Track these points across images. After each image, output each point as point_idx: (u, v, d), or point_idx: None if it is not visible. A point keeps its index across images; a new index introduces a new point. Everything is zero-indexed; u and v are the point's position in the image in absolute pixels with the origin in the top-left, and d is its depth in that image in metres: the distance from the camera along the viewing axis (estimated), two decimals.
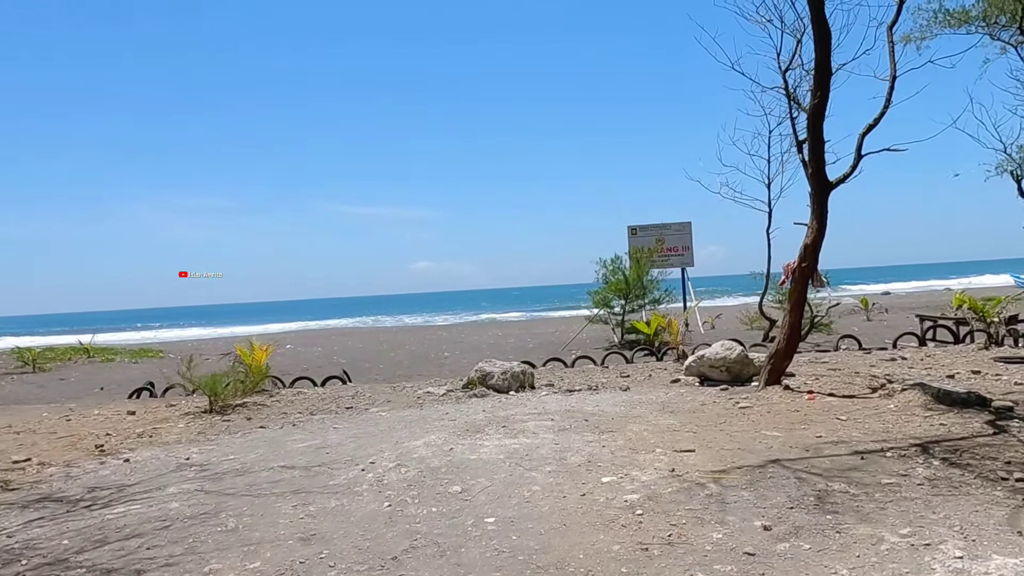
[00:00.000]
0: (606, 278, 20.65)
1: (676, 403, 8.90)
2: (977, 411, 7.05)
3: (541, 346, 22.30)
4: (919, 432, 6.38)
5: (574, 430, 7.25)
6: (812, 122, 8.65)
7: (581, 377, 12.17)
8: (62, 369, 21.01)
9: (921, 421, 6.79)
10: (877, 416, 7.13)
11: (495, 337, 29.06)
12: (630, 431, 7.08)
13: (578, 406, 8.99)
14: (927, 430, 6.44)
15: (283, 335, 44.94)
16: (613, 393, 10.20)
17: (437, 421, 8.48)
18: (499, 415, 8.58)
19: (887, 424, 6.76)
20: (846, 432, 6.52)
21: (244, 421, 9.73)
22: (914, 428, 6.55)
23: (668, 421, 7.61)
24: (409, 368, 18.14)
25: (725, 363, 10.27)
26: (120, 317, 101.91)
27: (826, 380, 10.07)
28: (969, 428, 6.45)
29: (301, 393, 12.18)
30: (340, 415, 9.66)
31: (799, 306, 9.05)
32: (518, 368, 10.91)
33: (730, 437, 6.61)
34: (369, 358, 21.84)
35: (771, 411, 7.82)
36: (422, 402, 10.27)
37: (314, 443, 7.69)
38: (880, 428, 6.60)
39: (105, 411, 11.71)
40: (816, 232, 8.77)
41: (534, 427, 7.48)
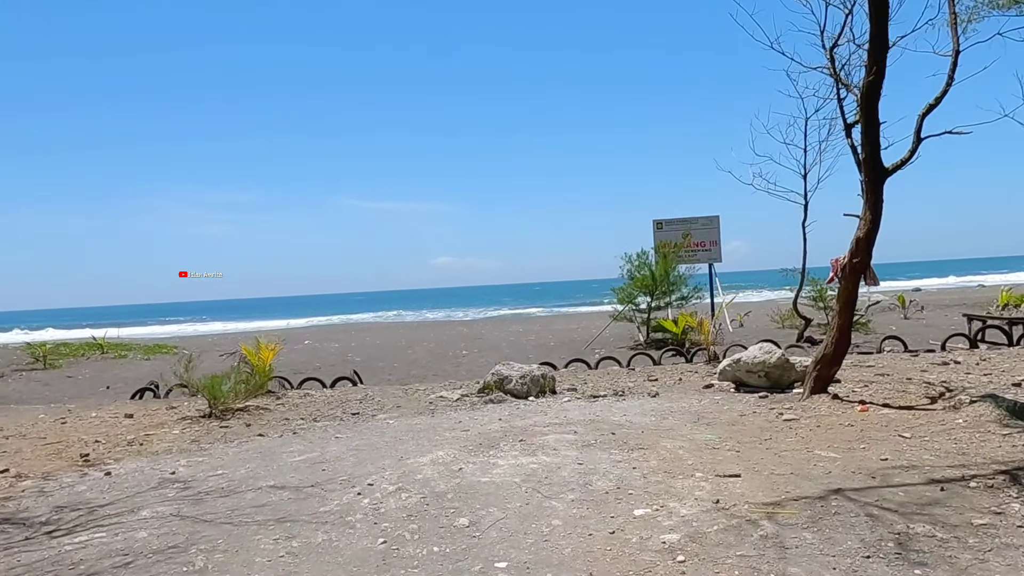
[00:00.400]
0: (631, 274, 19.78)
1: (711, 413, 8.06)
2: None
3: (562, 344, 21.49)
4: (1001, 455, 5.51)
5: (600, 446, 6.45)
6: (865, 101, 7.76)
7: (606, 380, 11.36)
8: (73, 366, 20.56)
9: (1000, 441, 5.91)
10: (946, 433, 6.26)
11: (515, 334, 28.28)
12: (663, 448, 6.27)
13: (603, 415, 8.19)
14: (1010, 453, 5.56)
15: (302, 330, 44.56)
16: (641, 400, 9.39)
17: (448, 432, 7.72)
18: (516, 425, 7.80)
19: (960, 444, 5.89)
20: (914, 454, 5.66)
21: (243, 428, 9.04)
22: (993, 450, 5.68)
23: (705, 436, 6.79)
24: (425, 367, 17.43)
25: (764, 368, 9.41)
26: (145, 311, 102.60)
27: (876, 388, 9.18)
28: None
29: (308, 395, 11.50)
30: (345, 422, 8.94)
31: (849, 306, 8.17)
32: (538, 371, 10.13)
33: (779, 458, 5.78)
34: (385, 356, 21.18)
35: (821, 425, 6.97)
36: (434, 408, 9.52)
37: (311, 456, 6.97)
38: (954, 449, 5.73)
39: (103, 413, 11.11)
40: (870, 224, 7.88)
41: (555, 441, 6.69)
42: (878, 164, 7.85)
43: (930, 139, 8.05)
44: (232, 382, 10.46)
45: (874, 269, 8.31)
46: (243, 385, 10.58)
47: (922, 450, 5.76)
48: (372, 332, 36.76)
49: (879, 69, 7.62)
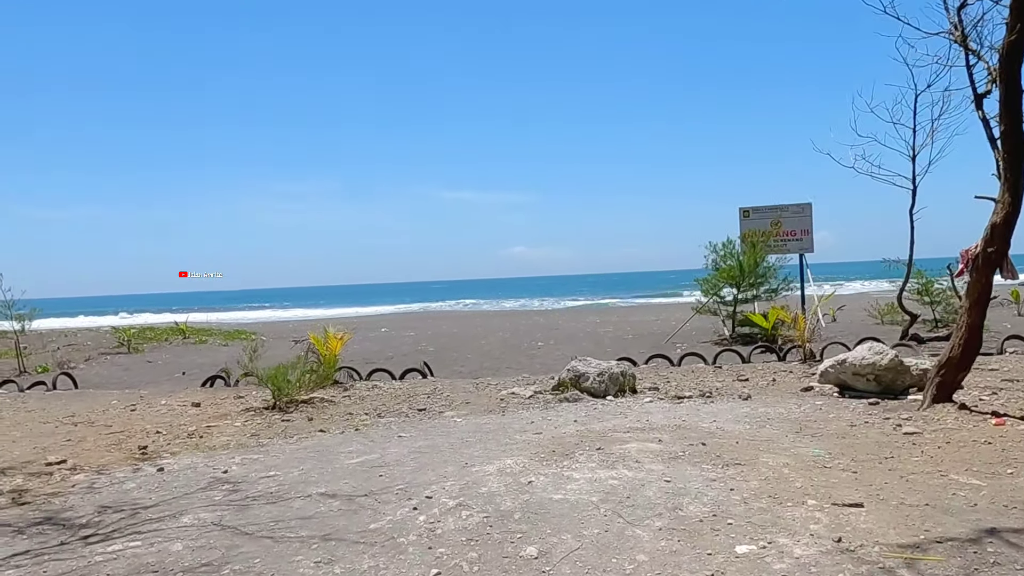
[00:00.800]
0: (716, 264, 18.67)
1: (815, 422, 7.14)
2: None
3: (641, 337, 20.56)
4: None
5: (689, 459, 5.67)
6: (1006, 65, 6.65)
7: (690, 379, 10.49)
8: (155, 351, 20.92)
9: None
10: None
11: (591, 325, 27.45)
12: (764, 464, 5.43)
13: (690, 420, 7.38)
14: None
15: (380, 318, 44.87)
16: (732, 403, 8.51)
17: (518, 434, 7.07)
18: (593, 429, 7.08)
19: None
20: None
21: (304, 422, 8.63)
22: None
23: (811, 450, 5.91)
24: (498, 359, 16.86)
25: (873, 370, 8.37)
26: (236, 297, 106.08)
27: (1007, 396, 8.04)
28: None
29: (376, 388, 11.06)
30: (410, 419, 8.41)
31: (981, 303, 7.08)
32: (617, 368, 9.36)
33: (906, 482, 4.87)
34: (459, 346, 20.73)
35: (951, 442, 5.97)
36: (505, 406, 8.89)
37: (370, 458, 6.43)
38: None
39: (172, 401, 10.96)
40: (1008, 208, 6.78)
41: (637, 451, 5.93)
42: (1020, 138, 6.73)
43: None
44: (298, 372, 10.11)
45: (1012, 260, 7.17)
46: (309, 376, 10.21)
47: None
48: (447, 320, 36.55)
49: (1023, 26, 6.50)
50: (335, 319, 44.22)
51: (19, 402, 11.86)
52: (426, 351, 19.72)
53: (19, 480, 6.47)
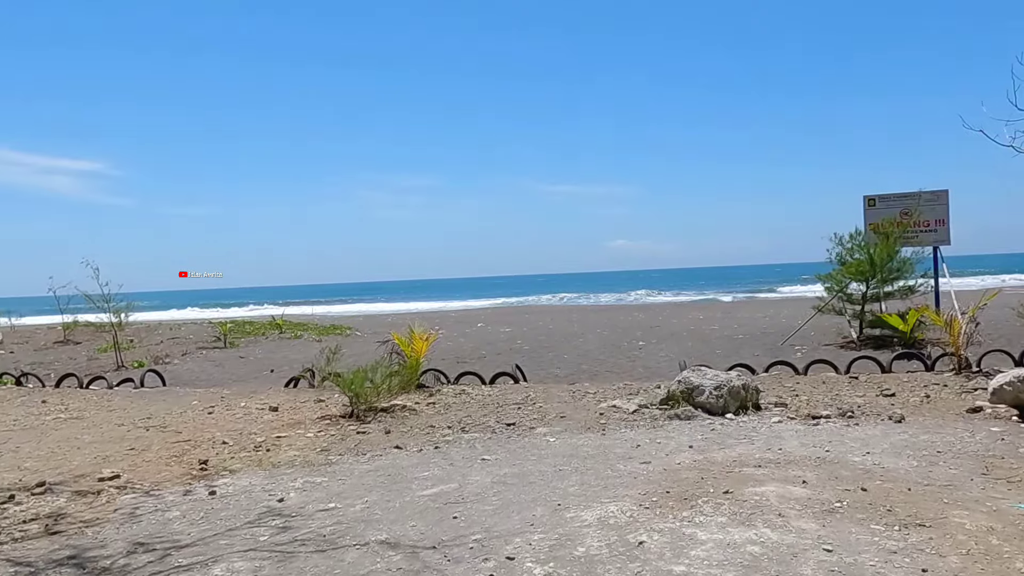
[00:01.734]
0: (841, 258, 16.78)
1: (1004, 459, 5.63)
2: None
3: (752, 337, 18.85)
4: None
5: (850, 514, 4.35)
6: None
7: (823, 393, 8.99)
8: (250, 345, 20.83)
9: None
10: None
11: (695, 322, 25.75)
12: (958, 527, 4.06)
13: (836, 451, 6.00)
14: None
15: (478, 311, 44.37)
16: (883, 426, 7.04)
17: (623, 463, 5.90)
18: (715, 460, 5.83)
19: None
20: None
21: (381, 435, 7.76)
22: None
23: (1016, 505, 4.47)
24: (596, 361, 15.65)
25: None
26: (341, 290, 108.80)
27: None
28: None
29: (464, 394, 10.10)
30: (497, 436, 7.38)
31: None
32: (737, 381, 8.01)
33: None
34: (555, 343, 19.63)
35: None
36: (605, 423, 7.73)
37: (446, 489, 5.43)
38: None
39: (251, 403, 10.39)
40: None
41: (778, 499, 4.66)
42: None
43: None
44: (379, 376, 9.28)
45: None
46: (390, 380, 9.35)
47: None
48: (545, 315, 35.50)
49: None
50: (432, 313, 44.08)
51: (104, 400, 11.62)
52: (520, 349, 18.73)
53: (63, 500, 5.83)
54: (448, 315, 39.42)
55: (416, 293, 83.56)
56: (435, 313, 43.66)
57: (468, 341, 21.65)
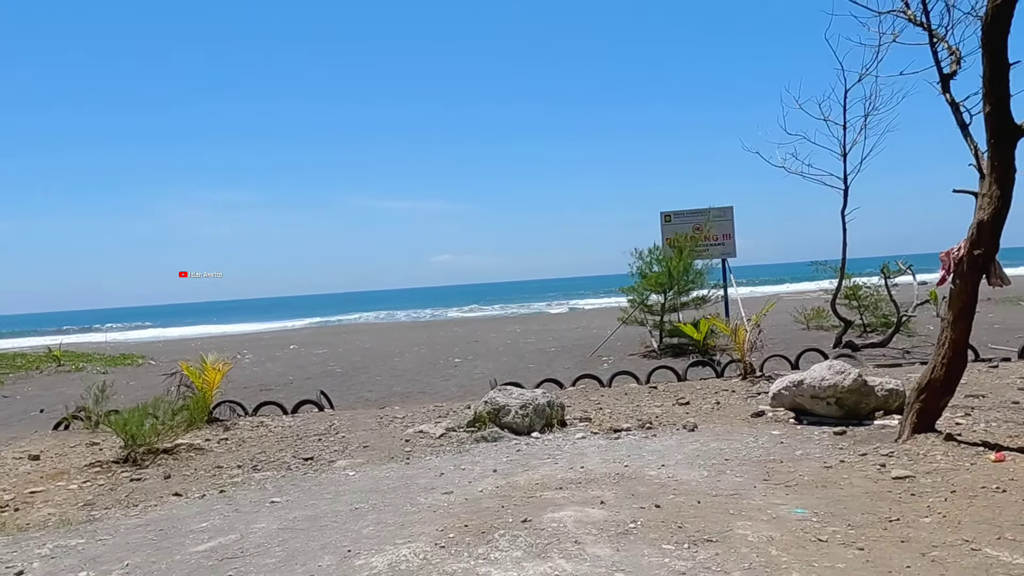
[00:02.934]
0: (642, 271, 17.63)
1: (783, 463, 5.95)
2: None
3: (565, 349, 19.36)
4: None
5: (643, 534, 4.33)
6: (991, 35, 5.64)
7: (625, 404, 9.25)
8: (20, 381, 18.38)
9: None
10: None
11: (513, 335, 26.17)
12: (742, 539, 4.14)
13: (635, 467, 6.07)
14: None
15: (293, 333, 42.43)
16: (678, 436, 7.28)
17: (423, 495, 5.60)
18: (518, 485, 5.69)
19: None
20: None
21: (160, 481, 6.93)
22: None
23: (793, 510, 4.68)
24: (411, 381, 15.29)
25: (835, 393, 7.30)
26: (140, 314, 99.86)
27: (982, 416, 7.11)
28: None
29: (262, 426, 9.38)
30: (292, 474, 6.82)
31: (966, 315, 6.05)
32: (543, 399, 8.00)
33: (933, 564, 3.67)
34: (370, 364, 19.04)
35: (956, 490, 4.85)
36: (411, 450, 7.40)
37: (226, 541, 4.85)
38: None
39: (8, 452, 8.98)
40: (998, 202, 5.77)
41: (575, 524, 4.56)
42: (1007, 120, 5.74)
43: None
44: (163, 412, 8.36)
45: (1000, 265, 6.17)
46: (174, 418, 8.45)
47: None
48: (364, 334, 34.61)
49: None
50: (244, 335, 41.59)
51: None
52: (333, 372, 17.96)
53: None
54: (260, 337, 37.34)
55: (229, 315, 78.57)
56: (247, 336, 41.24)
57: (276, 366, 20.49)
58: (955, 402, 7.55)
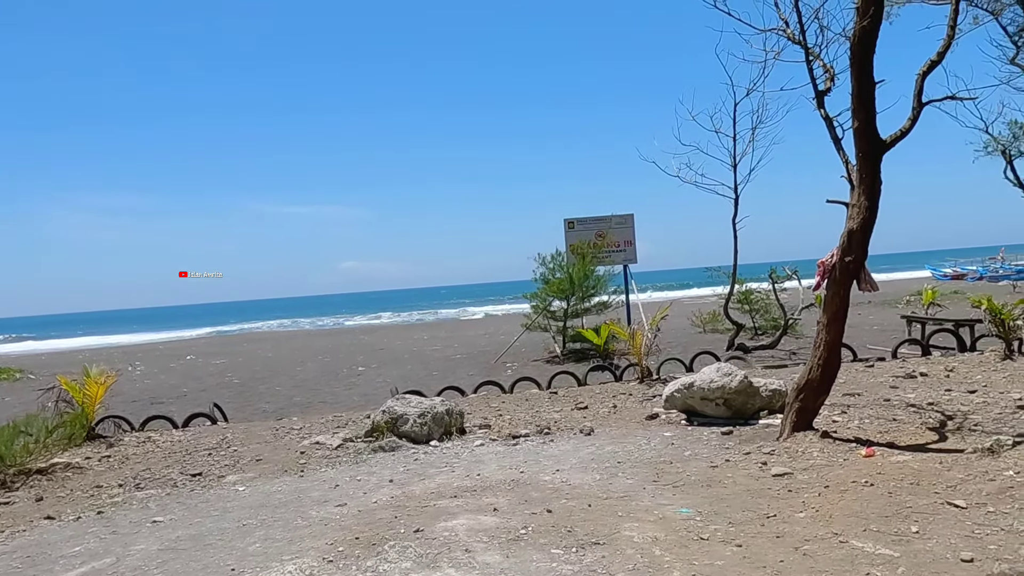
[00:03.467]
0: (545, 277, 17.86)
1: (672, 463, 6.13)
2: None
3: (470, 356, 19.39)
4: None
5: (534, 539, 4.37)
6: (858, 54, 6.02)
7: (525, 410, 9.32)
8: None
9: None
10: (1011, 499, 4.52)
11: (419, 343, 26.00)
12: (628, 540, 4.24)
13: (531, 472, 6.12)
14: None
15: (191, 342, 40.75)
16: (575, 441, 7.39)
17: (316, 508, 5.47)
18: (413, 494, 5.63)
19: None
20: (1003, 543, 3.85)
21: (30, 505, 6.50)
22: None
23: (678, 508, 4.82)
24: (311, 391, 14.94)
25: (723, 394, 7.59)
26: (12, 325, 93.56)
27: (857, 415, 7.53)
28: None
29: (149, 441, 8.94)
30: (177, 491, 6.52)
31: (840, 318, 6.41)
32: (441, 407, 7.96)
33: (804, 558, 3.85)
34: (270, 374, 18.50)
35: (830, 486, 5.12)
36: (306, 462, 7.22)
37: (100, 565, 4.59)
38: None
39: None
40: (866, 212, 6.15)
41: (467, 532, 4.55)
42: (874, 136, 6.13)
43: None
44: (36, 432, 7.86)
45: (869, 271, 6.57)
46: (49, 436, 7.96)
47: (1005, 534, 3.96)
48: (266, 343, 33.61)
49: (876, 10, 5.90)
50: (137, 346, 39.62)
51: None
52: (230, 384, 17.34)
53: None
54: (155, 348, 35.70)
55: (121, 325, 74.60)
56: (140, 346, 39.32)
57: (170, 377, 19.65)
58: (833, 400, 7.97)
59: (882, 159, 6.18)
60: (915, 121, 6.24)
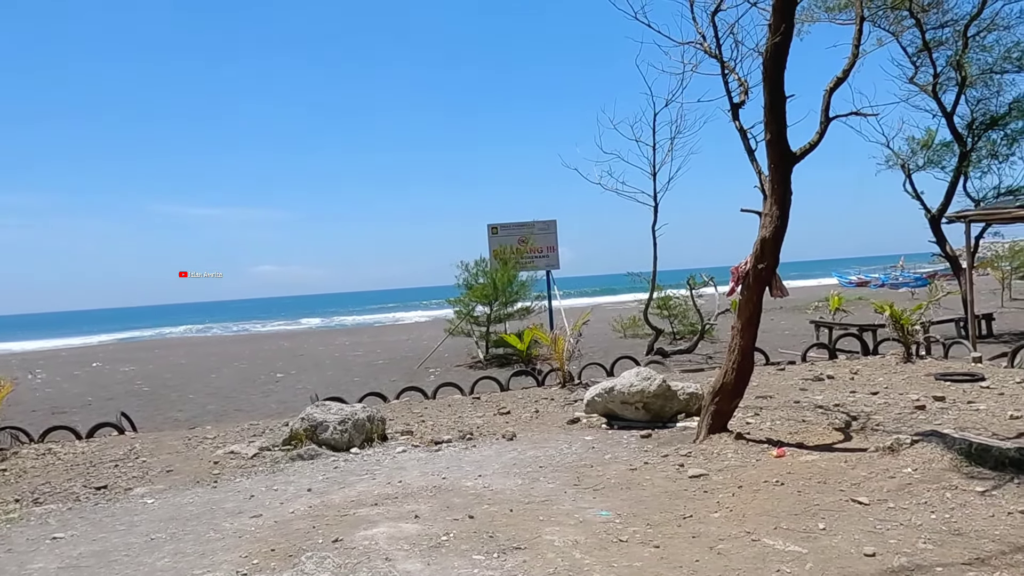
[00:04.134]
0: (468, 283, 17.85)
1: (593, 467, 6.21)
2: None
3: (393, 362, 19.20)
4: (1006, 532, 4.02)
5: (455, 545, 4.34)
6: (770, 69, 6.26)
7: (448, 416, 9.28)
8: None
9: (984, 505, 4.47)
10: (909, 495, 4.76)
11: (341, 348, 25.58)
12: (549, 544, 4.27)
13: (453, 478, 6.09)
14: (1015, 528, 4.09)
15: (97, 348, 38.95)
16: (497, 446, 7.39)
17: (230, 520, 5.29)
18: (332, 503, 5.52)
19: (940, 514, 4.38)
20: (899, 537, 4.05)
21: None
22: (987, 523, 4.20)
23: (598, 513, 4.88)
24: (227, 398, 14.47)
25: (643, 398, 7.74)
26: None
27: (769, 417, 7.80)
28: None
29: (50, 453, 8.47)
30: (80, 505, 6.20)
31: (753, 323, 6.63)
32: (362, 413, 7.84)
33: (719, 557, 3.96)
34: (183, 382, 17.83)
35: (743, 486, 5.28)
36: (219, 472, 6.98)
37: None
38: (943, 527, 4.19)
39: None
40: (778, 220, 6.39)
41: (387, 540, 4.49)
42: (785, 148, 6.37)
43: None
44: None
45: (780, 277, 6.83)
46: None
47: (904, 528, 4.17)
48: (180, 349, 32.44)
49: (787, 28, 6.14)
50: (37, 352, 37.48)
51: None
52: (139, 392, 16.63)
53: None
54: (57, 355, 33.89)
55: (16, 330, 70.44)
56: (40, 353, 37.27)
57: (74, 386, 18.72)
58: (746, 403, 8.23)
59: (792, 170, 6.43)
60: (823, 135, 6.53)
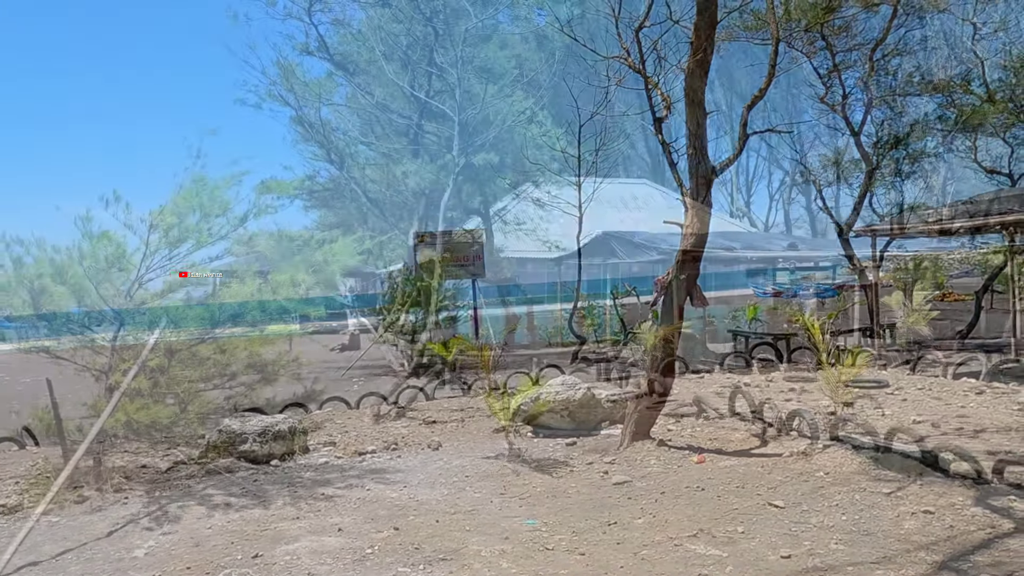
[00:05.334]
0: (393, 291, 17.65)
1: (520, 477, 6.21)
2: (943, 478, 5.13)
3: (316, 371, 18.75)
4: (911, 531, 4.23)
5: (380, 559, 4.27)
6: (692, 87, 6.44)
7: (372, 425, 9.14)
8: None
9: (891, 506, 4.69)
10: (822, 498, 4.96)
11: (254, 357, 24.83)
12: (475, 555, 4.25)
13: (378, 490, 5.99)
14: (918, 527, 4.31)
15: None
16: (422, 455, 7.32)
17: (141, 540, 5.06)
18: (251, 518, 5.34)
19: (851, 515, 4.58)
20: (813, 539, 4.21)
21: None
22: (893, 523, 4.41)
23: (525, 522, 4.89)
24: None
25: (567, 406, 7.82)
26: None
27: (689, 423, 7.99)
28: (966, 517, 4.42)
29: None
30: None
31: (674, 333, 6.79)
32: (284, 425, 7.64)
33: (642, 562, 4.03)
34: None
35: (666, 492, 5.39)
36: (130, 487, 6.67)
37: None
38: (854, 528, 4.37)
39: None
40: (698, 233, 6.57)
41: (310, 555, 4.38)
42: (706, 162, 6.57)
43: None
44: None
45: (700, 288, 7.03)
46: None
47: (817, 530, 4.33)
48: None
49: (709, 46, 6.34)
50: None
51: None
52: None
53: None
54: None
55: None
56: None
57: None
58: (668, 410, 8.40)
59: (712, 184, 6.63)
60: (741, 149, 6.76)
